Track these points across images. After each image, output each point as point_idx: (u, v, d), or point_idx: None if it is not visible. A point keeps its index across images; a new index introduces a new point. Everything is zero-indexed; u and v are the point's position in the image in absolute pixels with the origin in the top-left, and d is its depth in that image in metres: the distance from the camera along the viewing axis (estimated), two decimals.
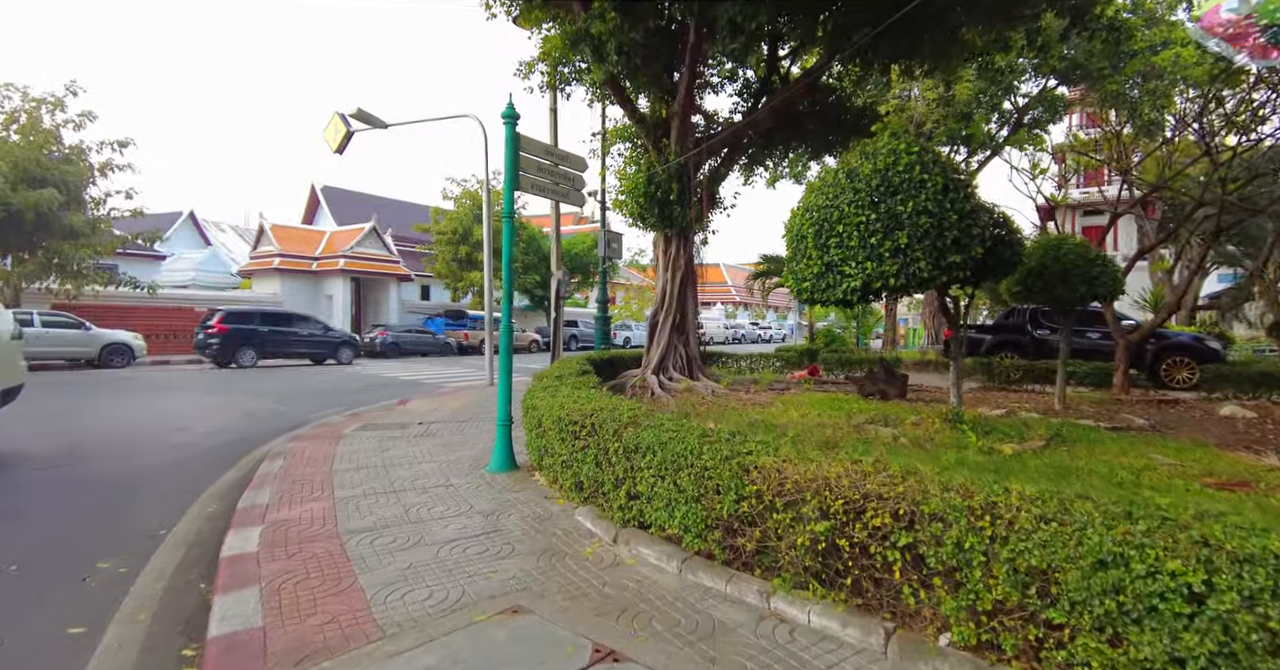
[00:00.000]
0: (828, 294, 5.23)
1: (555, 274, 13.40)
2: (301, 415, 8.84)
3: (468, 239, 29.37)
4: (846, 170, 5.23)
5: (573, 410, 4.08)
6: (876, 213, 4.89)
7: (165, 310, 22.18)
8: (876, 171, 4.98)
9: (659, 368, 10.11)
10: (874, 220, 4.88)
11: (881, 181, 4.94)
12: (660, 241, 10.48)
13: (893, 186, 4.91)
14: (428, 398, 10.43)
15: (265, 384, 13.18)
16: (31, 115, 17.95)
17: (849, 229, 4.96)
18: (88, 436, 7.09)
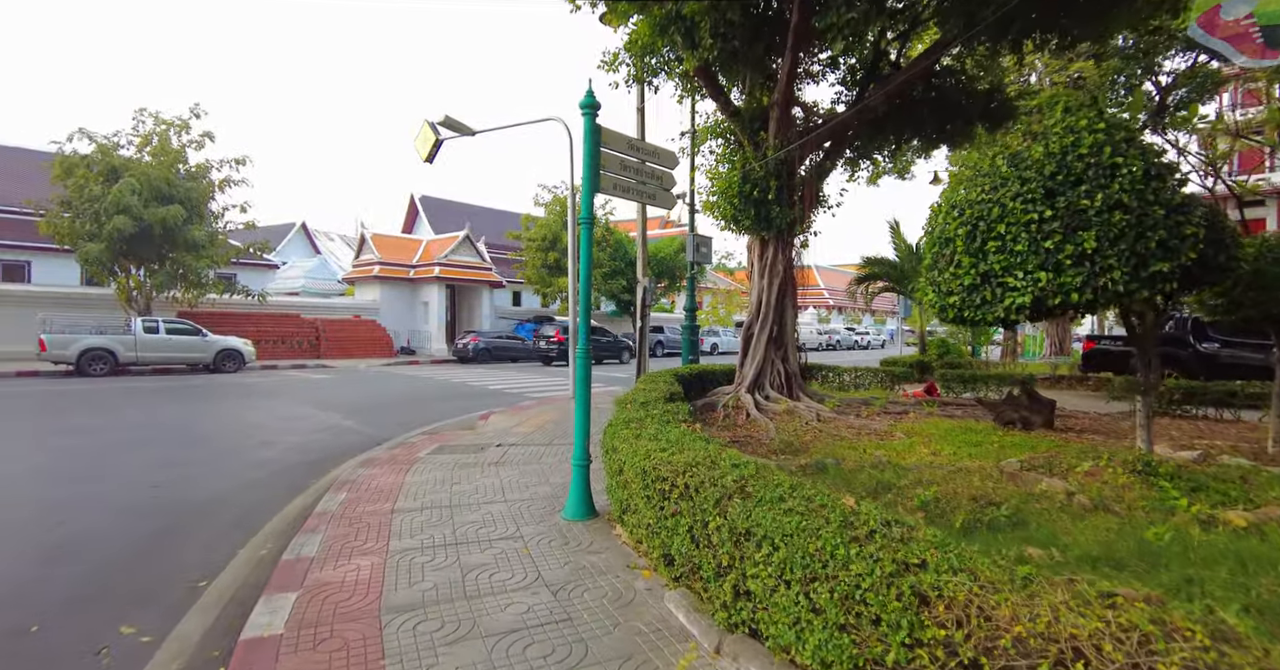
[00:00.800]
0: (983, 312, 4.16)
1: (641, 281, 12.71)
2: (385, 431, 8.58)
3: (556, 245, 29.42)
4: (1008, 155, 4.13)
5: (660, 462, 3.28)
6: (1053, 208, 3.79)
7: (274, 317, 23.40)
8: (1050, 156, 3.87)
9: (754, 385, 9.17)
10: (1049, 218, 3.78)
11: (1059, 168, 3.83)
12: (755, 245, 9.54)
13: (1074, 174, 3.79)
14: (509, 411, 9.98)
15: (360, 392, 13.29)
16: (162, 137, 19.33)
17: (1015, 230, 3.88)
18: (174, 451, 7.03)
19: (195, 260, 19.14)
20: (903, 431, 7.35)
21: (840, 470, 5.18)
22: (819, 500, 2.53)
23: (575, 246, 11.60)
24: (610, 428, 4.53)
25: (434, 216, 36.96)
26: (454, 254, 27.84)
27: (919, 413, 8.88)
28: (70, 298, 20.33)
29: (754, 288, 9.52)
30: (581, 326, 4.43)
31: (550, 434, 7.66)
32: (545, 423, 8.65)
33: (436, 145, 13.36)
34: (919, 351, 18.18)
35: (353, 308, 26.92)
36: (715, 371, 10.38)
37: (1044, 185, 3.81)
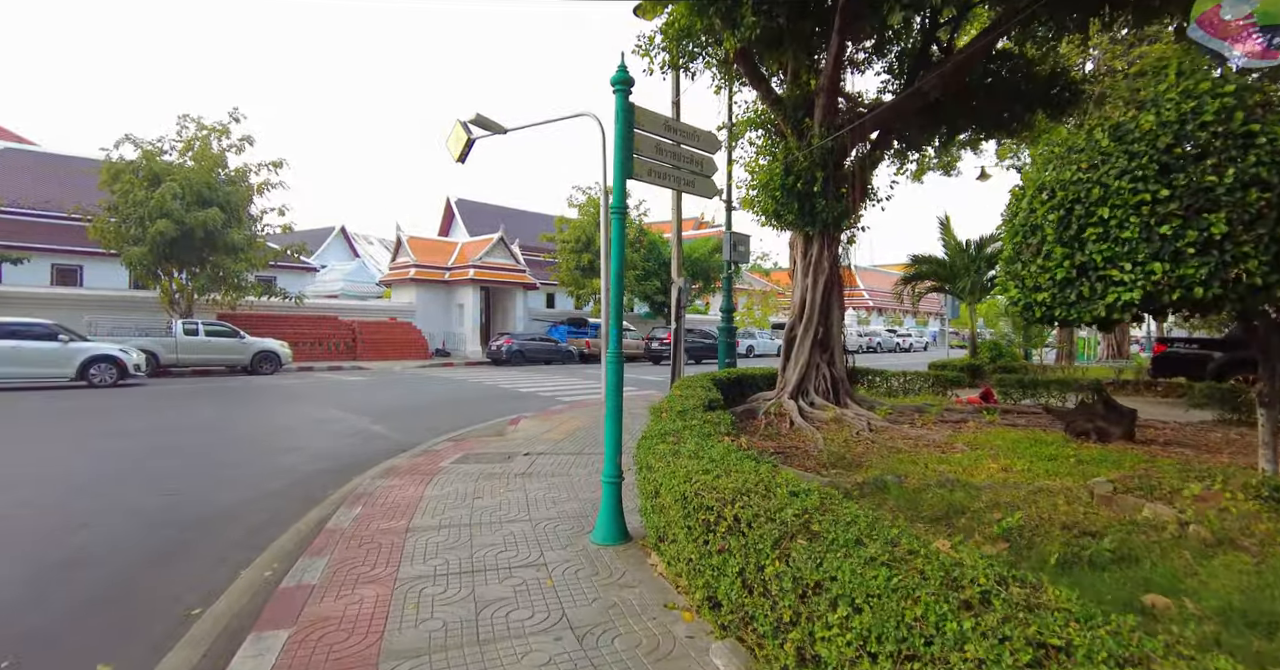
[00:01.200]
0: (1079, 310, 3.57)
1: (675, 281, 12.22)
2: (412, 436, 8.30)
3: (590, 246, 29.18)
4: (1109, 127, 3.53)
5: (703, 487, 2.81)
6: (1169, 187, 3.19)
7: (311, 319, 23.62)
8: (1165, 125, 3.27)
9: (798, 391, 8.60)
10: (1165, 199, 3.19)
11: (1176, 139, 3.23)
12: (799, 242, 8.97)
13: (1197, 146, 3.18)
14: (541, 416, 9.61)
15: (391, 396, 13.12)
16: (204, 142, 19.64)
17: (1121, 213, 3.30)
18: (200, 456, 6.83)
19: (233, 263, 19.38)
20: (964, 443, 6.71)
21: (903, 489, 4.62)
22: (907, 544, 2.01)
23: (607, 243, 11.21)
24: (644, 441, 4.06)
25: (469, 219, 37.14)
26: (488, 256, 27.80)
27: (979, 421, 8.19)
28: (116, 301, 20.80)
29: (797, 287, 8.96)
30: (613, 328, 3.97)
31: (581, 442, 7.24)
32: (576, 429, 8.23)
33: (468, 145, 13.11)
34: (969, 354, 17.25)
35: (389, 310, 27.08)
36: (755, 376, 9.83)
37: (1158, 160, 3.21)
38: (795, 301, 8.97)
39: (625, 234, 3.86)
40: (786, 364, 8.85)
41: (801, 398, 8.55)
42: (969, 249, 15.29)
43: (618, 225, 3.88)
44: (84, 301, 20.33)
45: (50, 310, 19.52)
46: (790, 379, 8.68)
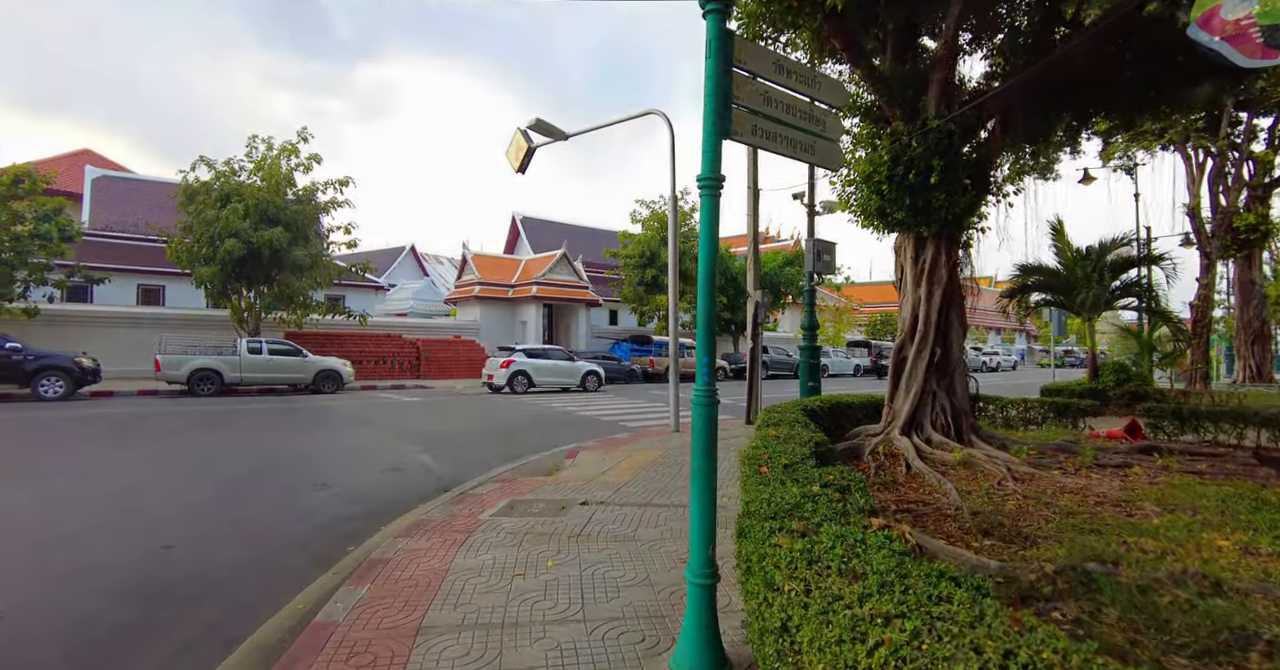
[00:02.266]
0: None
1: (753, 295, 10.93)
2: (459, 469, 7.32)
3: (654, 262, 28.22)
4: None
5: (878, 643, 1.53)
6: None
7: (376, 337, 23.51)
8: None
9: (911, 425, 7.12)
10: None
11: None
12: (907, 246, 7.54)
13: None
14: (600, 447, 8.46)
15: (446, 419, 12.33)
16: (274, 162, 19.85)
17: None
18: (221, 492, 6.01)
19: (299, 281, 19.36)
20: (1151, 502, 5.09)
21: (1122, 588, 3.17)
22: None
23: (675, 251, 10.06)
24: (750, 522, 2.78)
25: (534, 236, 36.95)
26: (551, 273, 27.22)
27: (1148, 467, 6.46)
28: (191, 320, 21.22)
29: (906, 299, 7.51)
30: (701, 356, 2.76)
31: (648, 486, 6.01)
32: (641, 466, 7.02)
33: (529, 154, 12.33)
34: (1087, 377, 15.05)
35: (453, 328, 26.84)
36: (850, 404, 8.37)
37: None
38: (904, 316, 7.52)
39: (716, 219, 2.68)
40: (895, 392, 7.38)
41: (916, 433, 7.06)
42: (1090, 257, 13.29)
43: (708, 207, 2.68)
44: (162, 320, 20.83)
45: (132, 329, 20.05)
46: (901, 410, 7.20)
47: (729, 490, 5.68)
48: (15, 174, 16.14)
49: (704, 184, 2.66)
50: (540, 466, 7.60)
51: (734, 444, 8.51)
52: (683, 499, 5.34)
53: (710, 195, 2.65)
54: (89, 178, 26.22)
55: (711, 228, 2.67)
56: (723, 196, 2.68)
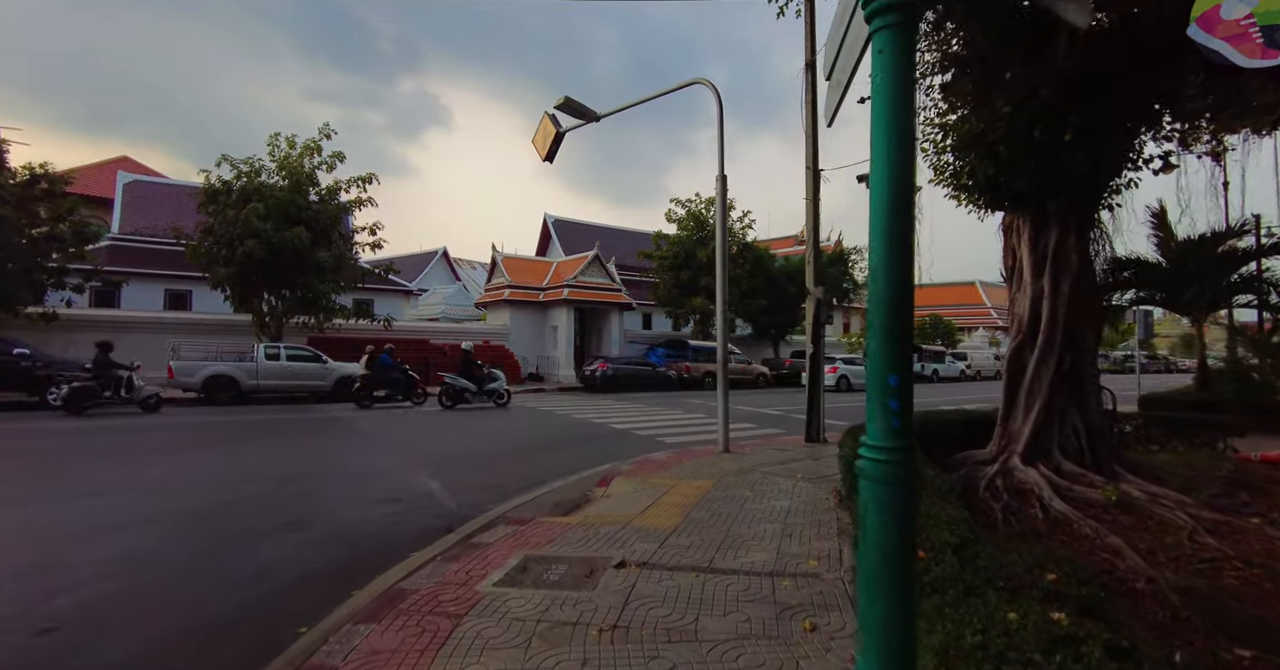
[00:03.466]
0: None
1: (813, 292, 9.46)
2: (468, 500, 6.07)
3: (690, 263, 26.83)
4: None
5: None
6: None
7: (403, 342, 22.57)
8: None
9: (1034, 449, 5.59)
10: None
11: None
12: (1023, 227, 6.02)
13: None
14: (637, 472, 7.10)
15: (465, 433, 11.13)
16: (296, 161, 19.09)
17: None
18: (161, 541, 4.82)
19: (321, 283, 18.52)
20: None
21: None
22: None
23: (724, 238, 8.64)
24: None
25: (566, 239, 35.92)
26: (583, 275, 26.03)
27: None
28: (213, 325, 20.57)
29: (1022, 293, 5.99)
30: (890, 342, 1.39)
31: (703, 534, 4.60)
32: (690, 502, 5.62)
33: (557, 140, 11.13)
34: (1193, 385, 13.12)
35: (482, 333, 25.85)
36: (944, 420, 6.85)
37: None
38: (1019, 314, 5.99)
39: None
40: (1011, 408, 5.86)
41: (1042, 461, 5.53)
42: (1202, 247, 11.45)
43: None
44: (184, 325, 20.23)
45: (153, 334, 19.48)
46: (1020, 431, 5.68)
47: (816, 546, 4.26)
48: (31, 173, 15.61)
49: None
50: (565, 498, 6.27)
51: (800, 469, 7.05)
52: (754, 559, 3.94)
53: None
54: (120, 182, 26.05)
55: None
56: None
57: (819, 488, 6.11)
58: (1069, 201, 5.58)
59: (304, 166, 19.00)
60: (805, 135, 9.69)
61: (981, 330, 51.33)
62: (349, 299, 24.40)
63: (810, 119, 9.62)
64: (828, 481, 6.39)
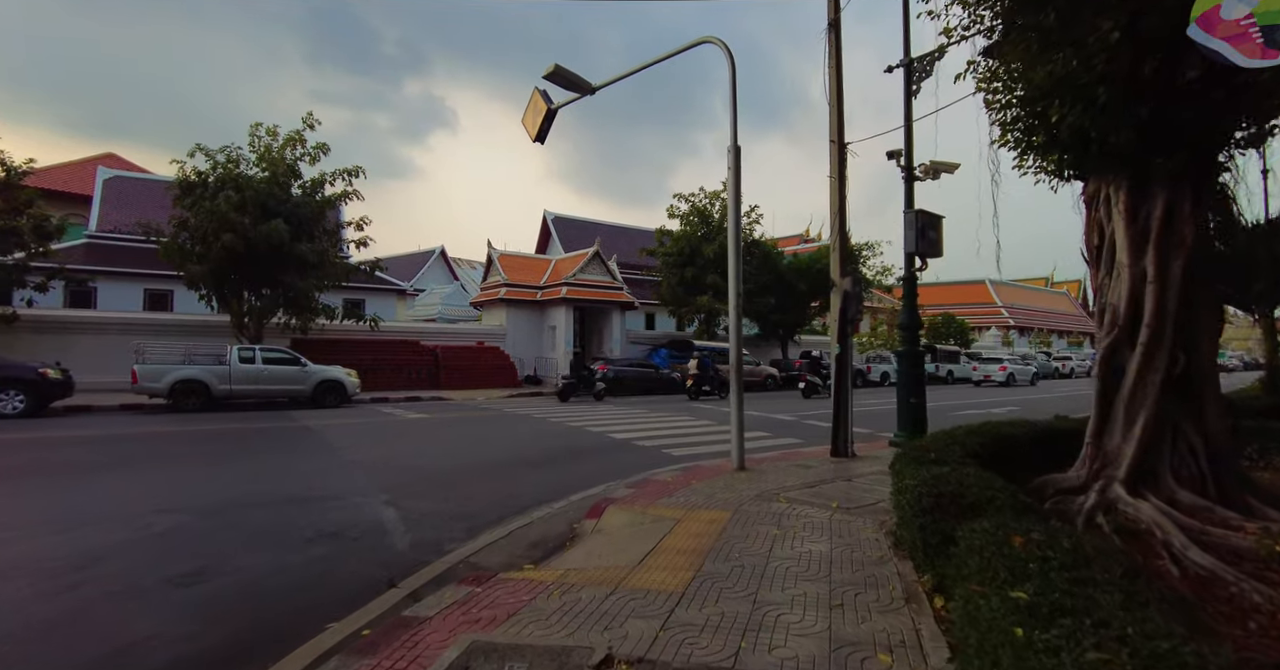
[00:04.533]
0: None
1: (840, 283, 8.27)
2: (428, 536, 4.91)
3: (694, 260, 25.64)
4: None
5: None
6: None
7: (392, 344, 21.50)
8: None
9: (1137, 472, 4.38)
10: None
11: None
12: (1117, 194, 4.81)
13: None
14: (636, 499, 5.92)
15: (447, 445, 9.97)
16: (278, 152, 17.99)
17: None
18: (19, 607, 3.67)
19: (302, 281, 17.39)
20: None
21: None
22: None
23: (736, 220, 7.42)
24: None
25: (566, 236, 34.78)
26: (582, 273, 24.86)
27: None
28: (187, 326, 19.48)
29: (1118, 278, 4.78)
30: None
31: (722, 605, 3.38)
32: (702, 547, 4.41)
33: (548, 118, 9.95)
34: (1258, 384, 11.87)
35: (477, 333, 24.70)
36: (1012, 436, 5.60)
37: None
38: (1114, 305, 4.78)
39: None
40: (1107, 422, 4.65)
41: (1151, 489, 4.32)
42: (1275, 234, 10.23)
43: None
44: (157, 326, 19.15)
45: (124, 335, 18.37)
46: (1120, 450, 4.47)
47: (882, 623, 3.05)
48: None
49: None
50: (547, 533, 5.10)
51: (833, 493, 5.85)
52: (798, 652, 2.74)
53: None
54: (100, 178, 24.99)
55: None
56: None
57: (861, 521, 4.92)
58: (1184, 160, 4.38)
59: (285, 158, 17.89)
60: (829, 105, 8.50)
61: (994, 330, 50.00)
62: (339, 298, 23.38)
63: (834, 85, 8.43)
64: (870, 513, 5.19)
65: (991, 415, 16.51)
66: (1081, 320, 66.37)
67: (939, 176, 9.47)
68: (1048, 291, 67.10)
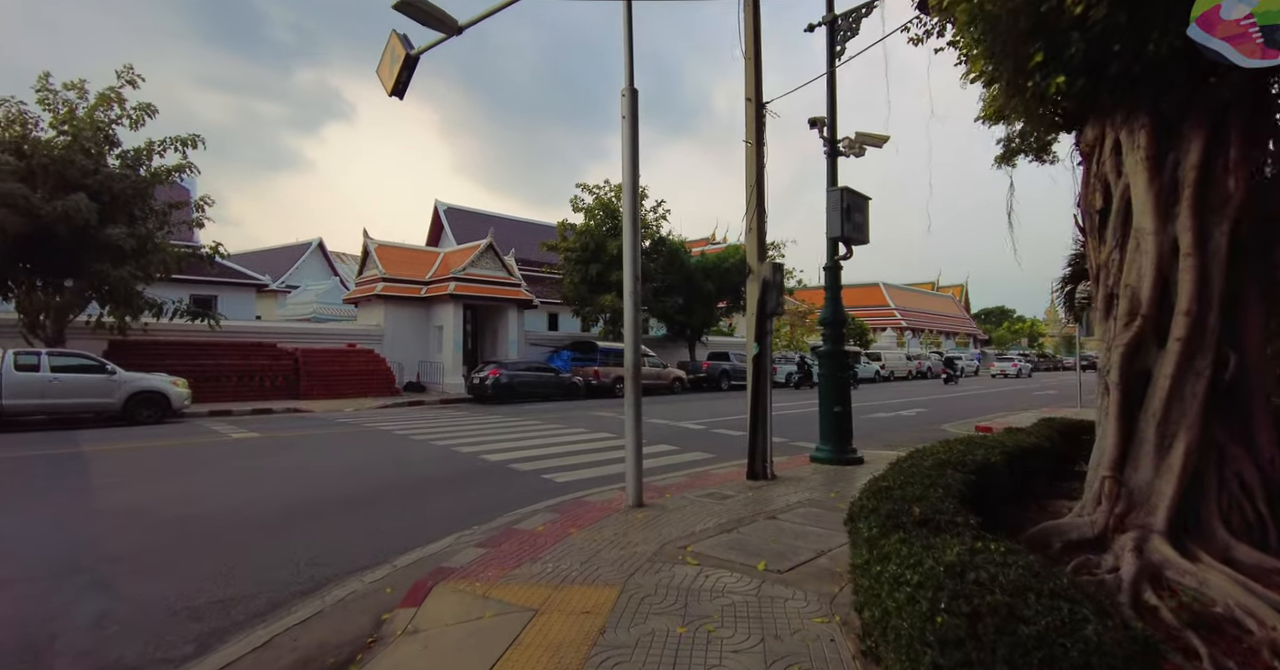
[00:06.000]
0: None
1: (759, 269, 6.85)
2: (197, 624, 2.90)
3: (599, 256, 23.96)
4: None
5: None
6: None
7: (242, 347, 18.34)
8: None
9: (1175, 517, 3.08)
10: None
11: None
12: (1133, 138, 3.56)
13: None
14: (485, 567, 4.15)
15: (266, 477, 7.71)
16: (86, 114, 14.63)
17: None
18: None
19: (116, 270, 14.17)
20: None
21: None
22: None
23: (633, 202, 5.79)
24: None
25: (460, 230, 32.17)
26: (474, 267, 22.56)
27: None
28: None
29: (1134, 251, 3.53)
30: None
31: None
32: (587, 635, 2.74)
33: (407, 66, 7.94)
34: None
35: (350, 334, 21.79)
36: (990, 464, 4.25)
37: None
38: (1132, 285, 3.52)
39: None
40: (1129, 445, 3.37)
41: (1198, 544, 3.06)
42: None
43: None
44: None
45: None
46: (1154, 488, 3.19)
47: None
48: None
49: None
50: (325, 643, 3.22)
51: (755, 540, 4.28)
52: None
53: None
54: None
55: None
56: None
57: (803, 599, 3.40)
58: (1226, 97, 3.16)
59: (96, 121, 14.56)
60: (745, 58, 7.08)
61: (889, 331, 51.77)
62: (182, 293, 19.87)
63: (751, 32, 7.03)
64: (811, 580, 3.69)
65: (900, 417, 16.10)
66: (964, 322, 70.56)
67: (864, 152, 8.32)
68: (935, 295, 70.83)
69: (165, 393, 13.20)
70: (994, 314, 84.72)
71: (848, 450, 7.76)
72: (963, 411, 16.85)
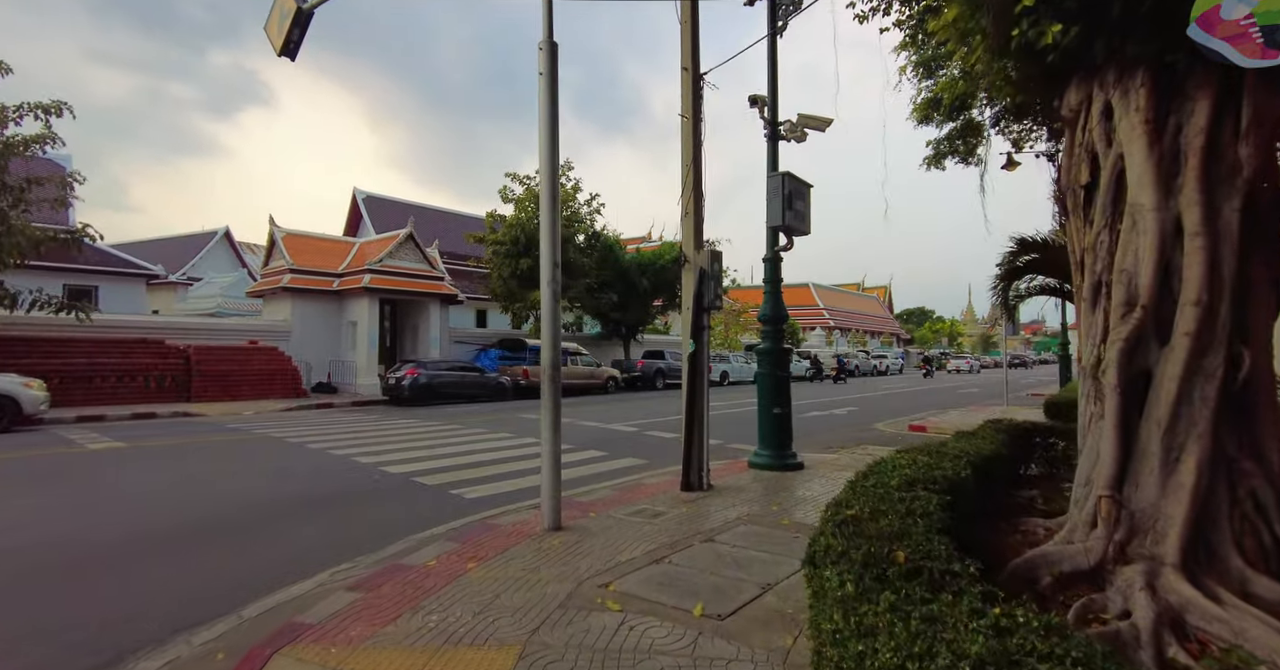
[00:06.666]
0: None
1: (695, 258, 6.18)
2: None
3: (530, 250, 22.86)
4: None
5: None
6: None
7: (121, 343, 16.30)
8: None
9: (1192, 548, 2.55)
10: None
11: None
12: (1127, 101, 3.05)
13: None
14: (357, 614, 3.28)
15: (106, 505, 6.44)
16: None
17: None
18: None
19: None
20: None
21: None
22: None
23: (552, 173, 4.97)
24: None
25: (380, 220, 30.30)
26: (392, 258, 21.05)
27: None
28: None
29: (1130, 231, 3.01)
30: None
31: None
32: None
33: (298, 22, 6.81)
34: None
35: (252, 330, 19.88)
36: (959, 479, 3.69)
37: None
38: (1127, 271, 3.01)
39: None
40: (1129, 459, 2.85)
41: (1210, 575, 2.56)
42: None
43: None
44: None
45: None
46: (1162, 510, 2.67)
47: None
48: None
49: None
50: None
51: (689, 572, 3.54)
52: None
53: None
54: None
55: None
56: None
57: (749, 655, 2.71)
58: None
59: None
60: (680, 23, 6.39)
61: (819, 330, 52.79)
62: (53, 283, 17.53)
63: (689, 2, 6.34)
64: (758, 628, 3.01)
65: (833, 415, 15.95)
66: (888, 322, 73.06)
67: (805, 137, 7.80)
68: (861, 296, 72.98)
69: (14, 395, 11.36)
70: (915, 314, 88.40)
71: (787, 455, 7.22)
72: (893, 410, 16.88)
